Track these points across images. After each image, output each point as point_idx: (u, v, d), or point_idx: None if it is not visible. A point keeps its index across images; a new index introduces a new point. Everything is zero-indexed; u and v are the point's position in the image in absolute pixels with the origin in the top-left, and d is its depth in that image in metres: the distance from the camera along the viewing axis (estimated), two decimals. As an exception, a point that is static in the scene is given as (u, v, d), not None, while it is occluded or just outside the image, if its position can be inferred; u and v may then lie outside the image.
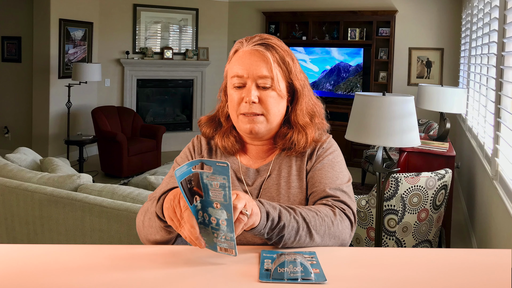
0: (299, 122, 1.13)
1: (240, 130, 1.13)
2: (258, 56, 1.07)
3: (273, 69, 1.07)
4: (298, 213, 0.97)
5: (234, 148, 1.15)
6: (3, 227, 2.42)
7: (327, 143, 1.16)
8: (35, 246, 0.98)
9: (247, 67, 1.07)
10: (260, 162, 1.16)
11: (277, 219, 0.93)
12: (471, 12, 4.34)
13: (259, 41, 1.09)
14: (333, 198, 1.07)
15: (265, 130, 1.10)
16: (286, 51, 1.11)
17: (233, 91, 1.09)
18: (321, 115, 1.18)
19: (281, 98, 1.10)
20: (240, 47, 1.11)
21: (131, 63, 6.28)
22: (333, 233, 1.00)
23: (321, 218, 0.99)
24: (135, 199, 2.15)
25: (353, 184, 4.98)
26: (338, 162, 1.14)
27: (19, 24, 5.70)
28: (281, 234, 0.94)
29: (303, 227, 0.96)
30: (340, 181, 1.10)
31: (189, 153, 1.20)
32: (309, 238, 0.97)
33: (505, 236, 2.18)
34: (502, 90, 2.58)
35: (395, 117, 1.92)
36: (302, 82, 1.14)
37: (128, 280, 0.81)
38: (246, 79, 1.07)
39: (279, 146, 1.13)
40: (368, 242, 2.62)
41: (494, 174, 2.57)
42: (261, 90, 1.07)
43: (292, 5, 6.40)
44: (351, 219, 1.05)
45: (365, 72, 5.90)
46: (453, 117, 5.41)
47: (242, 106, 1.07)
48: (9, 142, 5.92)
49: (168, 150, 6.35)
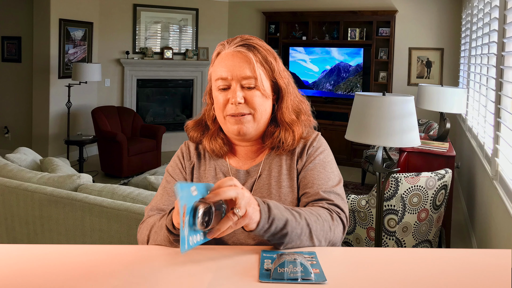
0: (286, 119, 1.13)
1: (228, 131, 1.12)
2: (241, 58, 1.08)
3: (256, 69, 1.08)
4: (303, 218, 0.97)
5: (222, 150, 1.15)
6: (3, 227, 2.42)
7: (317, 142, 1.17)
8: (35, 246, 0.98)
9: (231, 69, 1.07)
10: (249, 163, 1.16)
11: (281, 226, 0.93)
12: (471, 12, 4.34)
13: (240, 42, 1.09)
14: (328, 201, 1.07)
15: (252, 130, 1.10)
16: (268, 51, 1.12)
17: (218, 93, 1.10)
18: (307, 112, 1.18)
19: (266, 98, 1.10)
20: (222, 49, 1.11)
21: (131, 63, 6.28)
22: (329, 238, 1.01)
23: (321, 223, 1.00)
24: (135, 199, 2.15)
25: (353, 184, 5.01)
26: (329, 162, 1.15)
27: (19, 24, 5.70)
28: (283, 240, 0.95)
29: (305, 233, 0.97)
30: (332, 182, 1.11)
31: (178, 161, 1.20)
32: (309, 242, 0.98)
33: (505, 236, 2.18)
34: (502, 90, 2.58)
35: (395, 117, 1.92)
36: (286, 80, 1.14)
37: (128, 280, 0.81)
38: (230, 80, 1.08)
39: (268, 145, 1.13)
40: (368, 242, 2.62)
41: (494, 174, 2.57)
42: (246, 91, 1.08)
43: (292, 5, 6.40)
44: (345, 223, 1.06)
45: (365, 72, 5.90)
46: (453, 117, 5.41)
47: (229, 107, 1.08)
48: (9, 142, 5.92)
49: (168, 150, 6.35)
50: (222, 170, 1.16)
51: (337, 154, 5.76)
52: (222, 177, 1.15)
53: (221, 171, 1.16)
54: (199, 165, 1.18)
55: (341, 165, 5.70)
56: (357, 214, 2.64)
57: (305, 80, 6.24)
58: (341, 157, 5.78)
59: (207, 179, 1.16)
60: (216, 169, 1.16)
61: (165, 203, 1.13)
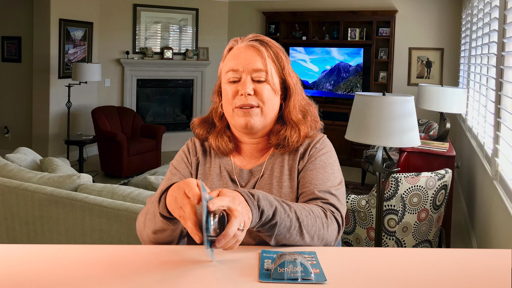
0: (292, 118, 1.14)
1: (235, 125, 1.13)
2: (253, 51, 1.10)
3: (267, 63, 1.10)
4: (293, 210, 0.96)
5: (227, 147, 1.16)
6: (3, 227, 2.42)
7: (320, 143, 1.17)
8: (35, 246, 0.98)
9: (242, 61, 1.09)
10: (253, 162, 1.17)
11: (270, 216, 0.92)
12: (471, 12, 4.34)
13: (253, 38, 1.13)
14: (322, 200, 1.06)
15: (260, 124, 1.11)
16: (280, 49, 1.15)
17: (228, 85, 1.11)
18: (314, 114, 1.20)
19: (274, 93, 1.12)
20: (235, 44, 1.14)
21: (131, 63, 6.28)
22: (322, 235, 1.00)
23: (313, 219, 0.98)
24: (135, 199, 2.15)
25: (353, 184, 5.00)
26: (330, 164, 1.14)
27: (19, 24, 5.70)
28: (272, 231, 0.93)
29: (295, 226, 0.95)
30: (330, 183, 1.10)
31: (184, 156, 1.21)
32: (299, 237, 0.97)
33: (505, 236, 2.18)
34: (502, 90, 2.58)
35: (395, 117, 1.92)
36: (295, 80, 1.17)
37: (128, 280, 0.81)
38: (241, 72, 1.09)
39: (273, 143, 1.14)
40: (368, 242, 2.62)
41: (494, 174, 2.57)
42: (256, 83, 1.10)
43: (292, 5, 6.40)
44: (339, 222, 1.04)
45: (365, 72, 5.90)
46: (453, 117, 5.41)
47: (238, 99, 1.09)
48: (9, 142, 5.92)
49: (168, 150, 6.35)
50: (226, 168, 1.17)
51: (337, 154, 5.69)
52: (226, 175, 1.16)
53: (225, 169, 1.16)
54: (205, 162, 1.19)
55: (341, 165, 5.61)
56: (357, 214, 2.64)
57: (305, 80, 6.24)
58: (341, 157, 5.78)
59: (212, 176, 1.17)
60: (221, 167, 1.17)
61: None
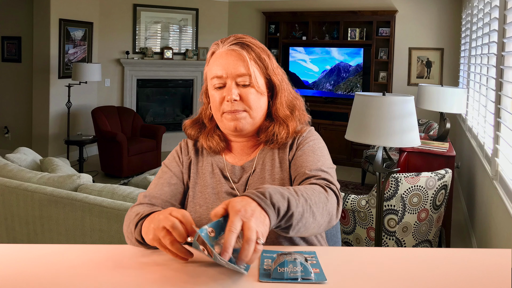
0: (280, 115, 1.17)
1: (225, 128, 1.16)
2: (235, 56, 1.11)
3: (250, 66, 1.11)
4: (300, 195, 0.93)
5: (219, 146, 1.19)
6: (3, 227, 2.42)
7: (307, 132, 1.19)
8: (35, 246, 0.98)
9: (225, 67, 1.10)
10: (245, 158, 1.20)
11: (285, 209, 0.88)
12: (471, 12, 4.34)
13: (234, 41, 1.13)
14: (315, 177, 1.06)
15: (248, 126, 1.13)
16: (261, 48, 1.16)
17: (214, 91, 1.13)
18: (301, 108, 1.22)
19: (261, 95, 1.14)
20: (217, 48, 1.14)
21: (131, 63, 6.28)
22: (328, 209, 0.98)
23: (317, 196, 0.97)
24: (135, 199, 2.15)
25: (353, 184, 5.01)
26: (319, 148, 1.16)
27: (19, 24, 5.70)
28: (290, 222, 0.90)
29: (306, 209, 0.92)
30: (321, 163, 1.11)
31: (176, 155, 1.24)
32: (312, 218, 0.94)
33: (505, 236, 2.18)
34: (502, 90, 2.58)
35: (395, 117, 1.92)
36: (280, 77, 1.18)
37: (128, 280, 0.81)
38: (225, 79, 1.11)
39: (262, 139, 1.16)
40: (368, 242, 2.62)
41: (494, 174, 2.57)
42: (241, 88, 1.11)
43: (292, 5, 6.40)
44: (337, 194, 1.04)
45: (365, 72, 5.90)
46: (453, 117, 5.41)
47: (225, 104, 1.11)
48: (9, 142, 5.92)
49: (168, 150, 6.35)
50: (218, 165, 1.20)
51: (337, 154, 5.77)
52: (219, 172, 1.18)
53: (217, 166, 1.19)
54: (197, 161, 1.22)
55: (341, 165, 5.70)
56: (357, 214, 2.64)
57: (305, 80, 6.24)
58: (341, 157, 5.78)
59: (205, 174, 1.19)
60: (213, 165, 1.20)
61: (158, 192, 1.16)
